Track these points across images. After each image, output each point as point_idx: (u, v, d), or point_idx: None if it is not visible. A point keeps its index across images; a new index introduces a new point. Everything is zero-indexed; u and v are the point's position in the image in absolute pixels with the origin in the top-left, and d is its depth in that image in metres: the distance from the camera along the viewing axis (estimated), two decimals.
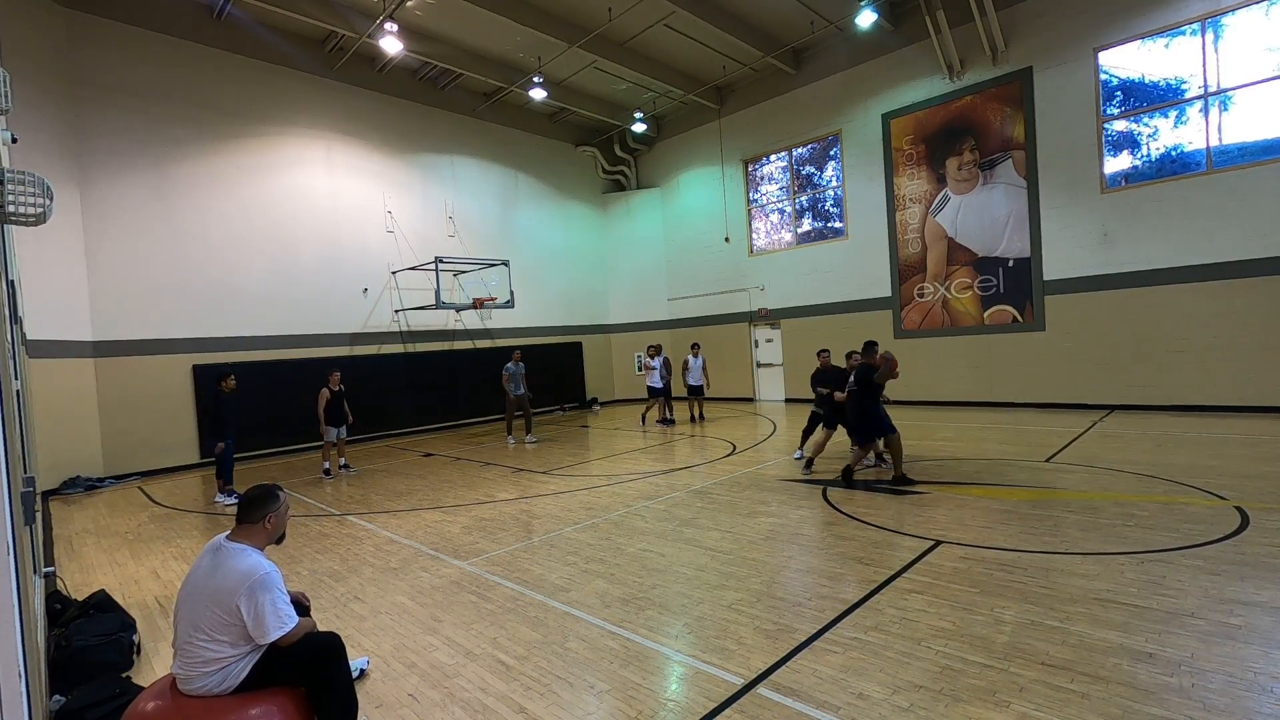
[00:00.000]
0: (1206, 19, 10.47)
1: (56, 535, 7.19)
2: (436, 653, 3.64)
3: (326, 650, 2.64)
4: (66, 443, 10.14)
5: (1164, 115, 11.07)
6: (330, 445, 9.88)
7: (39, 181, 2.32)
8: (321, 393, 9.73)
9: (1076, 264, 11.90)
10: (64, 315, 10.26)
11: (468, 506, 7.28)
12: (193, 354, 11.75)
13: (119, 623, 3.87)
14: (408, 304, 14.92)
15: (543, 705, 3.02)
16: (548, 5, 12.87)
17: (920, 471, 7.52)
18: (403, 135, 15.15)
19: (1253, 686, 2.78)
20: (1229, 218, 10.34)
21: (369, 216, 14.45)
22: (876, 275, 14.77)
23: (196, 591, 2.50)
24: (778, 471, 8.09)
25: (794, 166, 16.51)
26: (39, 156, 9.65)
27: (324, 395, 9.69)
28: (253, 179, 12.67)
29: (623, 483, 8.03)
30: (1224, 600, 3.64)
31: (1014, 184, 12.61)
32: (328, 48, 13.63)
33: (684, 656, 3.41)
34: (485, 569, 5.05)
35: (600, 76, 15.91)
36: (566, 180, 19.06)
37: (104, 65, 10.95)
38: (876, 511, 5.93)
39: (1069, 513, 5.53)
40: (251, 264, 12.56)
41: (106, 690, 3.10)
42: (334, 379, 9.86)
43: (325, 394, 9.70)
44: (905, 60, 13.90)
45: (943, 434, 10.10)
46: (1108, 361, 11.61)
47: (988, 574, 4.26)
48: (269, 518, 2.70)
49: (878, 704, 2.83)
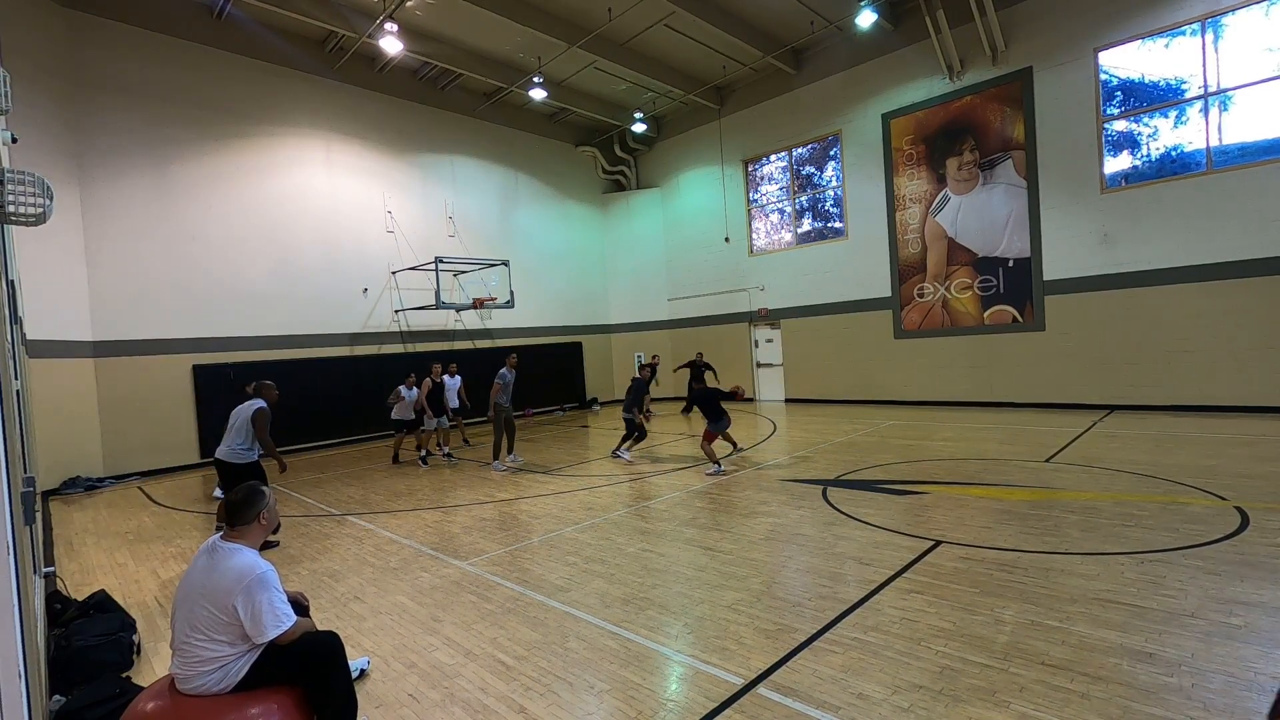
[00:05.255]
0: (1206, 19, 10.47)
1: (56, 535, 7.19)
2: (436, 653, 3.64)
3: (325, 650, 2.64)
4: (66, 443, 10.14)
5: (1164, 115, 11.07)
6: (430, 433, 10.65)
7: (39, 181, 2.32)
8: (425, 382, 10.54)
9: (1076, 264, 11.90)
10: (64, 315, 10.26)
11: (468, 506, 7.28)
12: (193, 354, 11.75)
13: (119, 623, 3.87)
14: (408, 304, 14.92)
15: (543, 705, 3.01)
16: (548, 5, 12.86)
17: (920, 471, 7.53)
18: (403, 135, 15.14)
19: (1253, 686, 2.78)
20: (1229, 218, 10.34)
21: (369, 216, 14.45)
22: (876, 275, 14.77)
23: (193, 592, 2.50)
24: (778, 471, 8.09)
25: (794, 166, 16.51)
26: (39, 156, 9.65)
27: (426, 385, 10.51)
28: (253, 179, 12.66)
29: (623, 483, 8.03)
30: (1224, 600, 3.64)
31: (1014, 184, 12.61)
32: (328, 48, 13.63)
33: (684, 656, 3.41)
34: (485, 569, 5.05)
35: (600, 76, 15.91)
36: (566, 180, 19.06)
37: (104, 65, 10.95)
38: (876, 511, 5.93)
39: (1069, 513, 5.53)
40: (251, 264, 12.55)
41: (106, 690, 3.10)
42: (435, 371, 10.81)
43: (428, 384, 10.54)
44: (905, 60, 13.91)
45: (943, 434, 10.10)
46: (1108, 361, 11.61)
47: (988, 574, 4.26)
48: (261, 514, 2.72)
49: (878, 704, 2.83)
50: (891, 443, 9.62)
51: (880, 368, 14.77)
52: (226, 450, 5.92)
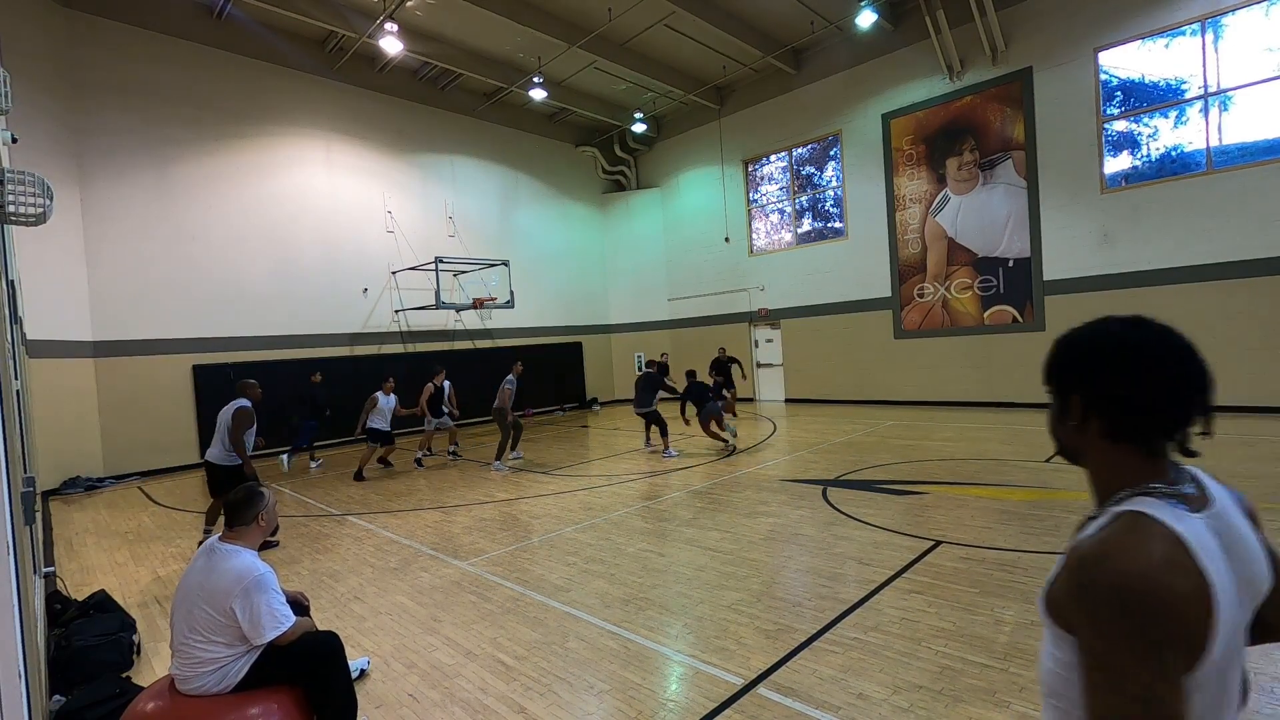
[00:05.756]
0: (1206, 19, 10.47)
1: (56, 535, 7.19)
2: (436, 653, 3.64)
3: (325, 650, 2.65)
4: (66, 443, 10.14)
5: (1164, 115, 11.07)
6: (431, 434, 10.71)
7: (39, 181, 2.32)
8: (426, 387, 10.56)
9: (1076, 264, 11.90)
10: (64, 315, 10.26)
11: (468, 506, 7.28)
12: (193, 354, 11.75)
13: (119, 623, 3.87)
14: (408, 304, 14.92)
15: (543, 705, 3.02)
16: (548, 5, 12.87)
17: (920, 471, 7.53)
18: (403, 135, 15.15)
19: (1252, 686, 2.78)
20: (1229, 218, 10.33)
21: (369, 216, 14.45)
22: (876, 275, 14.77)
23: (191, 594, 2.50)
24: (778, 471, 8.09)
25: (794, 167, 16.51)
26: (39, 156, 9.65)
27: (428, 390, 10.53)
28: (253, 179, 12.67)
29: (623, 483, 8.03)
30: None
31: (1014, 184, 12.61)
32: (328, 48, 13.63)
33: (684, 656, 3.41)
34: (485, 569, 5.05)
35: (600, 76, 15.91)
36: (566, 180, 19.07)
37: (104, 65, 10.95)
38: (876, 511, 5.93)
39: (1069, 513, 5.53)
40: (252, 264, 12.55)
41: (106, 690, 3.10)
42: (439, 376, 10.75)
43: (429, 388, 10.54)
44: (905, 60, 13.91)
45: (943, 434, 10.10)
46: None
47: (988, 574, 4.26)
48: (261, 515, 2.72)
49: (878, 704, 2.83)
50: (891, 443, 9.62)
51: (880, 368, 14.77)
52: (215, 452, 5.99)
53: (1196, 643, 0.79)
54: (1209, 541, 0.85)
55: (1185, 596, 0.79)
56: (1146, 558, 0.81)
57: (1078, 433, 1.00)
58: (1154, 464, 0.93)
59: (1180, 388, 0.89)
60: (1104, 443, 0.95)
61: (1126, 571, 0.80)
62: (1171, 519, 0.85)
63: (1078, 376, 0.98)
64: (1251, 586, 0.89)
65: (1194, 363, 0.90)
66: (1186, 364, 0.90)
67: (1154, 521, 0.85)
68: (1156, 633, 0.77)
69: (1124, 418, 0.92)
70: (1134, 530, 0.85)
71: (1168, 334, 0.92)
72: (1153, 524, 0.85)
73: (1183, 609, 0.78)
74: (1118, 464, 0.95)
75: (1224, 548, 0.86)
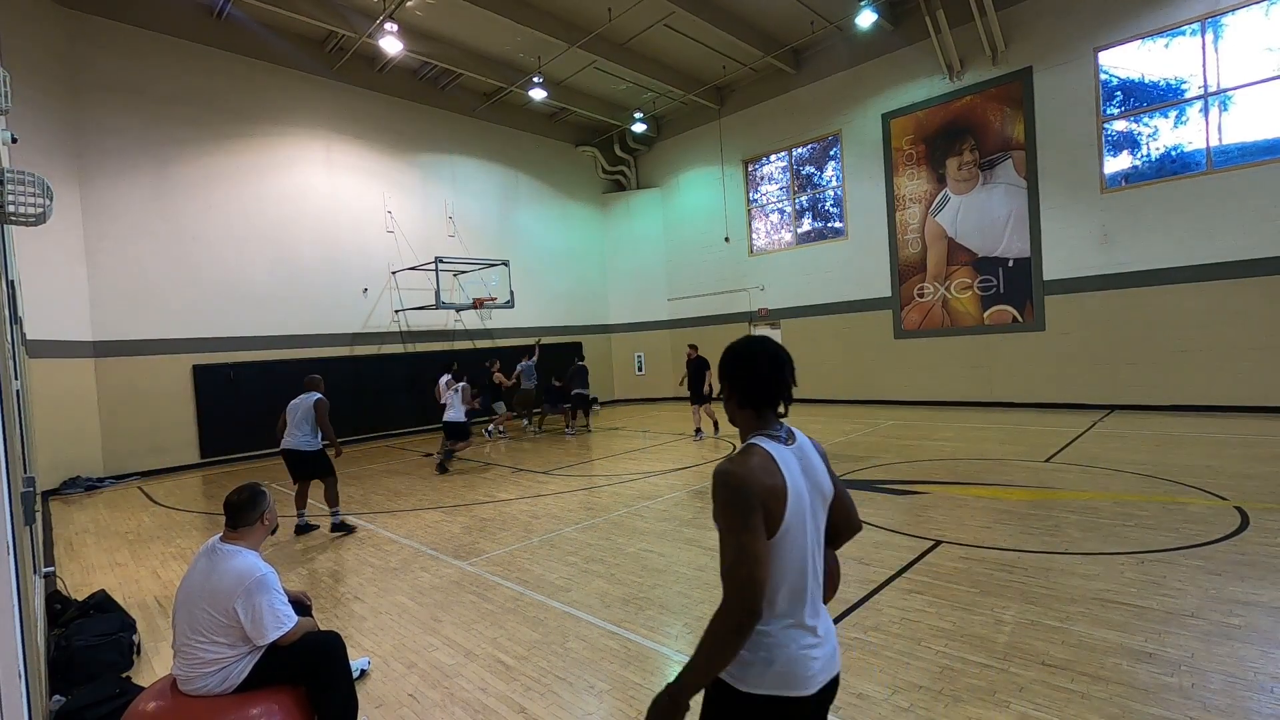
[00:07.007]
0: (1206, 19, 10.47)
1: (56, 535, 7.19)
2: (436, 653, 3.64)
3: (326, 650, 2.64)
4: (66, 443, 10.14)
5: (1164, 115, 11.07)
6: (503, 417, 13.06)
7: (39, 181, 2.32)
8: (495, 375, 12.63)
9: (1076, 264, 11.90)
10: (64, 315, 10.26)
11: (468, 506, 7.28)
12: (193, 354, 11.75)
13: (119, 623, 3.87)
14: (408, 304, 14.92)
15: (543, 705, 3.02)
16: (548, 5, 12.87)
17: (920, 471, 7.53)
18: (403, 135, 15.14)
19: (1253, 686, 2.78)
20: (1229, 218, 10.34)
21: (369, 216, 14.45)
22: (876, 275, 14.77)
23: (193, 594, 2.50)
24: None
25: (794, 166, 16.51)
26: (39, 156, 9.65)
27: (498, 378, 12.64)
28: (253, 179, 12.66)
29: (623, 483, 8.03)
30: (1224, 600, 3.64)
31: (1014, 184, 12.61)
32: (328, 48, 13.63)
33: (684, 656, 3.41)
34: (485, 569, 5.05)
35: (600, 76, 15.91)
36: (566, 180, 19.06)
37: (104, 65, 10.95)
38: (876, 511, 5.93)
39: (1069, 513, 5.53)
40: (251, 264, 12.55)
41: (106, 690, 3.10)
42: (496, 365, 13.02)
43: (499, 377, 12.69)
44: (905, 60, 13.91)
45: (943, 434, 10.10)
46: (1108, 362, 11.61)
47: (988, 574, 4.26)
48: (264, 515, 2.72)
49: (878, 704, 2.83)
50: (891, 443, 9.62)
51: (880, 367, 14.77)
52: (295, 440, 6.40)
53: (776, 514, 1.37)
54: (790, 460, 1.45)
55: (768, 486, 1.37)
56: (745, 462, 1.40)
57: (729, 404, 1.57)
58: (762, 419, 1.52)
59: (767, 377, 1.49)
60: (738, 409, 1.56)
61: (734, 470, 1.37)
62: (769, 446, 1.45)
63: (725, 371, 1.57)
64: (820, 490, 1.50)
65: (776, 364, 1.50)
66: (770, 365, 1.49)
67: (758, 447, 1.44)
68: (746, 504, 1.33)
69: (744, 394, 1.53)
70: (746, 452, 1.44)
71: (765, 345, 1.53)
72: (756, 448, 1.44)
73: (764, 491, 1.36)
74: (746, 421, 1.55)
75: (801, 467, 1.46)
